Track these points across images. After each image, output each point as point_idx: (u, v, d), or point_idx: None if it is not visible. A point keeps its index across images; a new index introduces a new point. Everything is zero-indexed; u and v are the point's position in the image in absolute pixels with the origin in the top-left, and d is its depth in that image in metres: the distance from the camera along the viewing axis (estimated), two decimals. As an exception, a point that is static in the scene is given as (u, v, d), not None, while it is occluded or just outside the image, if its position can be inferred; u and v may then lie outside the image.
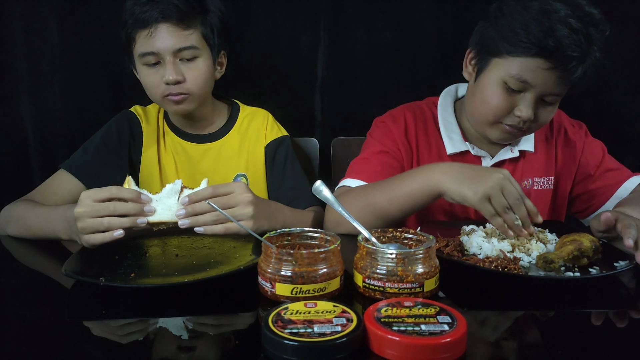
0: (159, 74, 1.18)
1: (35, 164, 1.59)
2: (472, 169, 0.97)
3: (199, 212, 0.91)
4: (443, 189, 0.96)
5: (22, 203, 1.14)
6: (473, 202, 0.92)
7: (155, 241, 1.01)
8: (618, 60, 1.60)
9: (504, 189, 0.90)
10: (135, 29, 1.18)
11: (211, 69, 1.25)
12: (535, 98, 1.09)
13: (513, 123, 1.13)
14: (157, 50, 1.17)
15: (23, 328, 0.72)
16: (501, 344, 0.67)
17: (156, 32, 1.16)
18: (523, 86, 1.08)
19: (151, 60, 1.18)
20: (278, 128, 1.39)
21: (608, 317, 0.75)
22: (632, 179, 1.25)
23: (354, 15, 1.60)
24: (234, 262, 0.88)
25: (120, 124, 1.31)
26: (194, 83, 1.20)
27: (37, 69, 1.54)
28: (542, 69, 1.05)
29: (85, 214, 0.88)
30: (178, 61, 1.19)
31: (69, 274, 0.80)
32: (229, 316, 0.75)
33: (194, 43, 1.19)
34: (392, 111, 1.33)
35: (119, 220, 0.88)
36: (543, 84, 1.07)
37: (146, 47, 1.17)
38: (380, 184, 1.09)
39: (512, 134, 1.16)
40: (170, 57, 1.17)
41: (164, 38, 1.16)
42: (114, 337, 0.69)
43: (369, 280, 0.75)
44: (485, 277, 0.85)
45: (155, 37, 1.16)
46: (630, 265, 0.84)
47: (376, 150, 1.25)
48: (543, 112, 1.12)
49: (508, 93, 1.10)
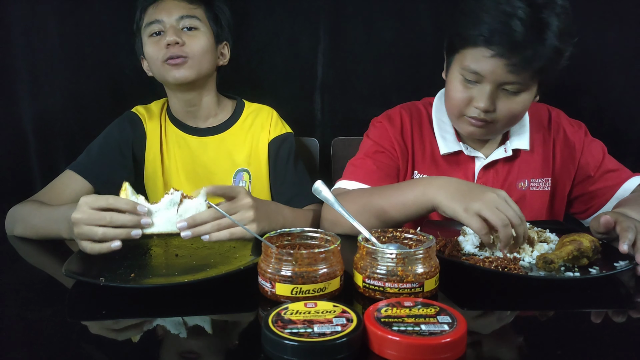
0: (162, 42, 1.23)
1: (34, 164, 1.59)
2: (468, 186, 0.95)
3: (200, 222, 0.89)
4: (436, 203, 0.96)
5: (27, 203, 1.14)
6: (462, 218, 0.90)
7: (155, 241, 1.02)
8: (618, 60, 1.61)
9: (499, 207, 0.87)
10: (145, 7, 1.28)
11: (212, 46, 1.30)
12: (492, 88, 1.10)
13: (474, 115, 1.14)
14: (161, 19, 1.24)
15: (23, 328, 0.72)
16: (501, 344, 0.67)
17: (162, 3, 1.26)
18: (476, 77, 1.11)
19: (155, 29, 1.25)
20: (282, 125, 1.40)
21: (608, 317, 0.75)
22: (632, 180, 1.24)
23: (354, 15, 1.60)
24: (234, 262, 0.88)
25: (122, 125, 1.32)
26: (193, 48, 1.25)
27: (36, 69, 1.54)
28: (486, 57, 1.07)
29: (82, 220, 0.87)
30: (180, 29, 1.25)
31: (69, 274, 0.80)
32: (229, 316, 0.75)
33: (196, 15, 1.27)
34: (389, 111, 1.33)
35: (114, 231, 0.87)
36: (492, 72, 1.08)
37: (152, 16, 1.25)
38: (379, 190, 1.09)
39: (477, 127, 1.16)
40: (173, 23, 1.25)
41: (169, 8, 1.26)
42: (114, 337, 0.69)
43: (369, 280, 0.75)
44: (485, 277, 0.85)
45: (160, 7, 1.26)
46: (630, 265, 0.85)
47: (372, 150, 1.25)
48: (506, 102, 1.12)
49: (466, 85, 1.13)
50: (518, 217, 0.87)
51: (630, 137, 1.64)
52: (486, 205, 0.87)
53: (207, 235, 0.90)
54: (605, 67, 1.62)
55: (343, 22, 1.61)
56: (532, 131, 1.27)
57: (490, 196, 0.89)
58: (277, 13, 1.60)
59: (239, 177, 1.35)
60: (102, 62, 1.56)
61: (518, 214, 0.88)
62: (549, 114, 1.31)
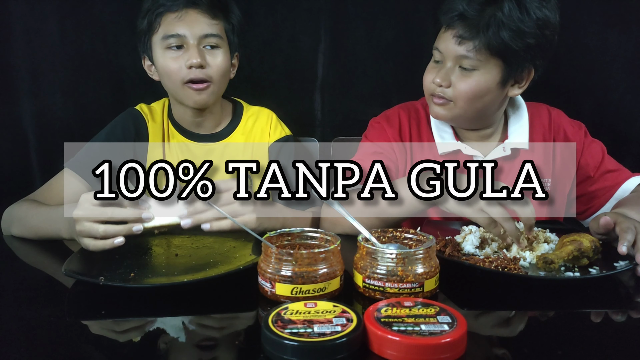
0: (182, 59, 1.19)
1: (35, 163, 1.59)
2: None
3: (201, 210, 0.92)
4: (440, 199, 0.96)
5: (24, 203, 1.14)
6: (468, 214, 0.91)
7: (155, 241, 1.01)
8: (618, 60, 1.60)
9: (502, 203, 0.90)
10: (162, 13, 1.19)
11: (229, 64, 1.27)
12: (451, 65, 1.14)
13: (434, 92, 1.18)
14: (183, 33, 1.18)
15: (23, 327, 0.72)
16: (501, 344, 0.67)
17: (184, 16, 1.19)
18: (440, 56, 1.16)
19: (174, 42, 1.19)
20: (282, 127, 1.39)
21: (608, 316, 0.75)
22: (632, 180, 1.24)
23: (354, 14, 1.60)
24: (234, 262, 0.88)
25: (125, 123, 1.30)
26: (215, 70, 1.21)
27: (37, 68, 1.54)
28: (442, 33, 1.15)
29: (84, 217, 0.88)
30: (202, 48, 1.21)
31: (69, 273, 0.80)
32: (229, 316, 0.75)
33: (218, 32, 1.22)
34: (387, 111, 1.33)
35: (115, 228, 0.88)
36: (446, 47, 1.13)
37: (172, 29, 1.18)
38: None
39: (438, 105, 1.19)
40: (195, 41, 1.19)
41: (192, 22, 1.19)
42: (114, 336, 0.69)
43: (369, 280, 0.75)
44: (485, 277, 0.85)
45: (183, 20, 1.18)
46: (630, 265, 0.85)
47: (370, 151, 1.25)
48: (461, 78, 1.14)
49: (432, 66, 1.19)
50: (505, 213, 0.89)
51: (630, 137, 1.64)
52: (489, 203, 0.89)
53: (208, 224, 0.92)
54: (606, 67, 1.62)
55: (343, 22, 1.61)
56: (532, 131, 1.27)
57: None
58: (277, 13, 1.60)
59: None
60: (103, 61, 1.56)
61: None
62: (549, 114, 1.31)
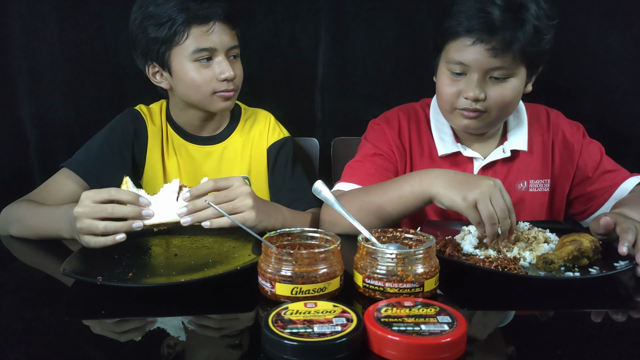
0: (212, 70, 1.20)
1: (35, 163, 1.59)
2: (464, 175, 0.97)
3: (200, 208, 0.92)
4: (433, 193, 0.97)
5: (23, 203, 1.14)
6: (461, 208, 0.92)
7: (155, 241, 1.01)
8: (619, 60, 1.60)
9: (493, 197, 0.90)
10: (191, 25, 1.17)
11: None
12: (479, 77, 1.11)
13: (465, 106, 1.15)
14: (214, 46, 1.19)
15: (22, 327, 0.72)
16: (501, 344, 0.67)
17: (215, 28, 1.19)
18: (462, 68, 1.12)
19: (205, 55, 1.19)
20: (280, 129, 1.39)
21: (608, 316, 0.75)
22: (630, 180, 1.24)
23: (355, 15, 1.60)
24: (233, 262, 0.88)
25: (124, 123, 1.30)
26: (239, 79, 1.25)
27: (36, 68, 1.54)
28: (468, 46, 1.09)
29: (84, 214, 0.89)
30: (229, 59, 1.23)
31: (68, 273, 0.80)
32: (228, 316, 0.75)
33: (238, 42, 1.25)
34: (387, 113, 1.33)
35: (115, 224, 0.89)
36: (476, 60, 1.10)
37: (204, 42, 1.18)
38: (375, 187, 1.09)
39: (471, 118, 1.16)
40: (224, 54, 1.21)
41: (221, 35, 1.19)
42: (113, 336, 0.69)
43: (369, 280, 0.75)
44: (485, 277, 0.85)
45: (213, 34, 1.18)
46: (630, 265, 0.85)
47: (370, 153, 1.25)
48: (495, 89, 1.13)
49: (453, 79, 1.15)
50: (505, 211, 0.90)
51: (630, 137, 1.64)
52: (482, 196, 0.90)
53: (208, 221, 0.93)
54: (606, 67, 1.61)
55: (343, 22, 1.61)
56: (531, 132, 1.27)
57: (487, 184, 0.91)
58: (277, 13, 1.60)
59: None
60: (102, 61, 1.56)
61: (508, 206, 0.91)
62: (548, 115, 1.31)
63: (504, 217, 0.90)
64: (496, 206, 0.89)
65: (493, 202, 0.89)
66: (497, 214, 0.89)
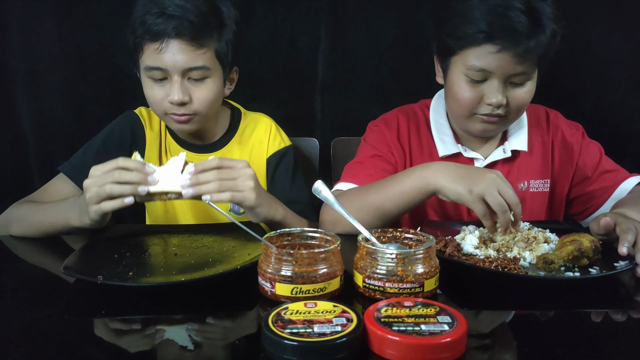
0: (164, 90, 1.13)
1: (34, 164, 1.59)
2: (466, 168, 0.98)
3: (203, 181, 0.93)
4: (438, 186, 0.97)
5: (24, 204, 1.15)
6: (467, 201, 0.92)
7: (155, 240, 1.02)
8: (619, 60, 1.61)
9: (500, 188, 0.91)
10: (144, 39, 1.11)
11: (220, 88, 1.19)
12: (500, 82, 1.11)
13: (487, 112, 1.14)
14: (165, 67, 1.10)
15: (22, 326, 0.72)
16: (501, 344, 0.67)
17: (167, 47, 1.09)
18: (483, 75, 1.11)
19: (157, 76, 1.12)
20: (281, 138, 1.33)
21: (608, 317, 0.75)
22: (629, 180, 1.24)
23: (354, 15, 1.60)
24: (233, 262, 0.88)
25: (123, 127, 1.27)
26: (200, 104, 1.14)
27: (35, 69, 1.54)
28: (492, 53, 1.07)
29: (92, 184, 0.92)
30: (186, 80, 1.13)
31: (68, 272, 0.80)
32: (228, 316, 0.75)
33: (205, 63, 1.12)
34: (385, 115, 1.33)
35: (120, 187, 0.91)
36: (500, 67, 1.08)
37: (154, 61, 1.11)
38: (375, 184, 1.09)
39: (491, 123, 1.16)
40: (178, 76, 1.11)
41: (174, 55, 1.09)
42: (113, 335, 0.69)
43: (369, 280, 0.75)
44: (485, 277, 0.85)
45: (164, 53, 1.09)
46: (630, 265, 0.85)
47: (370, 154, 1.25)
48: (516, 93, 1.13)
49: (473, 85, 1.13)
50: (514, 197, 0.91)
51: (630, 138, 1.64)
52: (489, 188, 0.90)
53: (209, 195, 0.93)
54: (607, 67, 1.62)
55: (343, 22, 1.61)
56: (531, 132, 1.27)
57: (491, 176, 0.92)
58: (277, 13, 1.60)
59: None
60: (101, 62, 1.56)
61: (514, 194, 0.91)
62: (547, 116, 1.31)
63: (515, 203, 0.91)
64: (505, 195, 0.90)
65: (501, 192, 0.90)
66: (507, 202, 0.90)
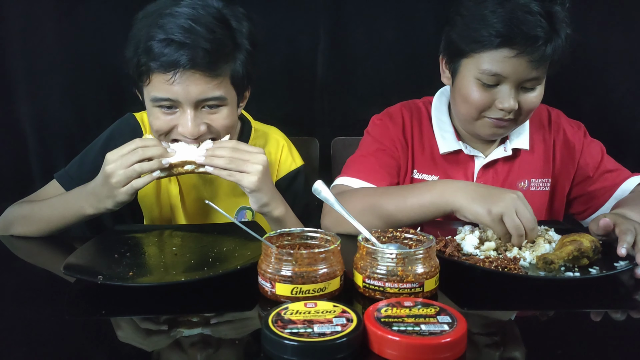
0: (174, 120, 1.04)
1: (34, 165, 1.59)
2: (486, 188, 0.97)
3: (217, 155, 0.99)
4: (457, 206, 0.96)
5: (25, 203, 1.14)
6: (486, 221, 0.92)
7: (154, 240, 1.02)
8: (619, 60, 1.61)
9: (518, 210, 0.90)
10: (152, 70, 1.01)
11: (235, 112, 1.11)
12: (513, 87, 1.10)
13: (498, 116, 1.13)
14: (176, 98, 1.01)
15: (22, 326, 0.72)
16: (501, 344, 0.67)
17: (179, 79, 0.99)
18: (497, 79, 1.09)
19: (166, 105, 1.03)
20: (292, 158, 1.27)
21: (608, 317, 0.75)
22: (631, 180, 1.24)
23: (354, 15, 1.60)
24: (233, 262, 0.88)
25: (122, 131, 1.22)
26: (216, 131, 1.07)
27: (35, 69, 1.54)
28: (509, 57, 1.06)
29: (117, 167, 0.95)
30: (200, 110, 1.04)
31: (69, 272, 0.80)
32: (228, 316, 0.75)
33: (221, 94, 1.04)
34: (390, 108, 1.33)
35: (148, 163, 0.96)
36: (515, 72, 1.08)
37: (163, 93, 1.01)
38: (389, 190, 1.09)
39: (501, 127, 1.16)
40: (191, 108, 1.02)
41: (188, 87, 1.00)
42: (113, 335, 0.69)
43: (369, 280, 0.75)
44: (485, 277, 0.85)
45: (177, 85, 0.99)
46: (630, 265, 0.85)
47: (373, 148, 1.24)
48: (527, 98, 1.12)
49: (485, 88, 1.11)
50: (532, 222, 0.90)
51: (630, 137, 1.64)
52: (508, 210, 0.89)
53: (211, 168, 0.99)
54: (607, 67, 1.62)
55: (343, 21, 1.60)
56: (532, 131, 1.27)
57: (511, 197, 0.91)
58: (277, 13, 1.60)
59: (241, 215, 1.24)
60: (101, 62, 1.56)
61: (533, 217, 0.90)
62: (549, 115, 1.31)
63: (531, 228, 0.89)
64: (522, 218, 0.89)
65: (519, 214, 0.89)
66: (524, 225, 0.89)
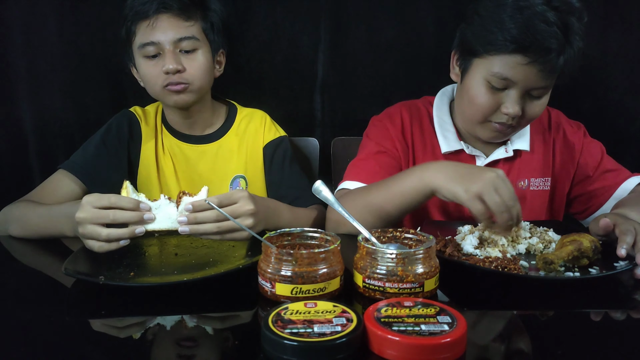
0: (159, 65, 1.19)
1: (34, 163, 1.58)
2: (465, 167, 0.98)
3: (201, 221, 0.88)
4: (435, 186, 0.97)
5: (22, 203, 1.14)
6: (464, 200, 0.91)
7: (154, 240, 1.02)
8: (618, 60, 1.60)
9: (498, 188, 0.89)
10: (136, 21, 1.20)
11: (210, 63, 1.26)
12: (521, 94, 1.10)
13: (502, 121, 1.13)
14: (157, 40, 1.18)
15: (23, 327, 0.72)
16: (501, 344, 0.67)
17: (157, 22, 1.19)
18: (506, 83, 1.09)
19: (151, 52, 1.19)
20: (276, 129, 1.39)
21: (608, 317, 0.75)
22: (631, 180, 1.25)
23: (355, 14, 1.60)
24: (233, 261, 0.88)
25: (120, 123, 1.32)
26: (193, 73, 1.21)
27: (36, 68, 1.54)
28: (521, 64, 1.06)
29: (86, 219, 0.87)
30: (178, 52, 1.20)
31: (69, 273, 0.80)
32: (228, 316, 0.75)
33: (194, 34, 1.21)
34: (389, 109, 1.33)
35: (117, 231, 0.87)
36: (525, 79, 1.08)
37: (146, 37, 1.19)
38: (377, 185, 1.09)
39: (502, 132, 1.16)
40: (171, 47, 1.19)
41: (165, 28, 1.19)
42: (113, 335, 0.69)
43: (369, 280, 0.75)
44: (485, 277, 0.85)
45: (155, 28, 1.18)
46: (630, 265, 0.85)
47: (374, 150, 1.25)
48: (532, 106, 1.12)
49: (492, 91, 1.11)
50: (513, 199, 0.89)
51: (630, 137, 1.64)
52: (486, 188, 0.89)
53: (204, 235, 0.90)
54: (606, 67, 1.61)
55: (344, 21, 1.60)
56: (533, 132, 1.27)
57: (490, 176, 0.91)
58: (277, 12, 1.60)
59: (235, 184, 1.35)
60: (102, 62, 1.56)
61: (513, 195, 0.90)
62: (549, 115, 1.31)
63: (512, 205, 0.89)
64: (503, 195, 0.89)
65: (499, 192, 0.89)
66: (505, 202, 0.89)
